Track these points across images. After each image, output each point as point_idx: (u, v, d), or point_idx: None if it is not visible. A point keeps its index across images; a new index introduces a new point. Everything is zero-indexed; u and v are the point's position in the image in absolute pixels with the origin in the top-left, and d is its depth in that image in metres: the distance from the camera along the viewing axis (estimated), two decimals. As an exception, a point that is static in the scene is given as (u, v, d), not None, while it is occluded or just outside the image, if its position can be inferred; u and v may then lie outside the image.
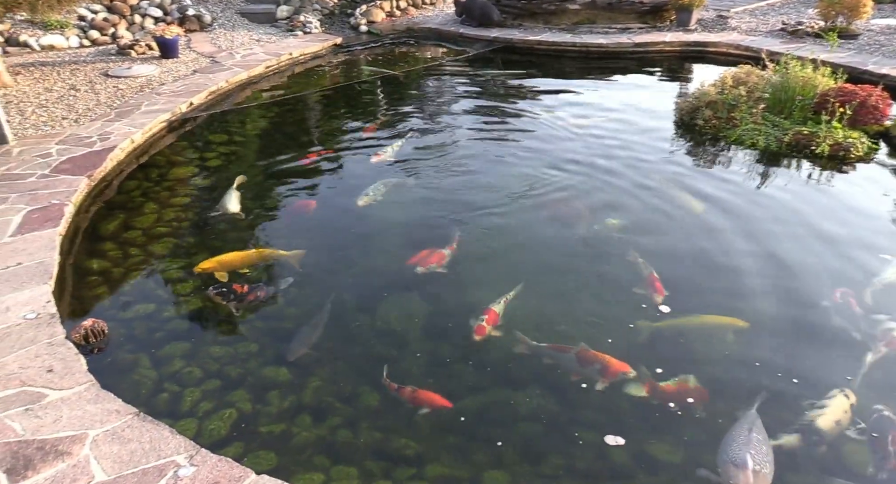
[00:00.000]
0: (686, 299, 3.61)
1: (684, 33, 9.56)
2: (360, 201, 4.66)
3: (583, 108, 6.99)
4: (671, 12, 10.05)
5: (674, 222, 4.55)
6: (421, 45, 9.97)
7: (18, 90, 6.65)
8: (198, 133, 6.28)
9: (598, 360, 3.07)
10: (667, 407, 2.86)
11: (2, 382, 2.65)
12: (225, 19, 10.07)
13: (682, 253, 4.13)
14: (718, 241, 4.27)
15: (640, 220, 4.55)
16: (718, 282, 3.80)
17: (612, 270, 3.96)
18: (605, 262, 4.06)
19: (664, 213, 4.66)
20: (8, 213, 4.14)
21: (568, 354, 3.14)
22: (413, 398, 2.88)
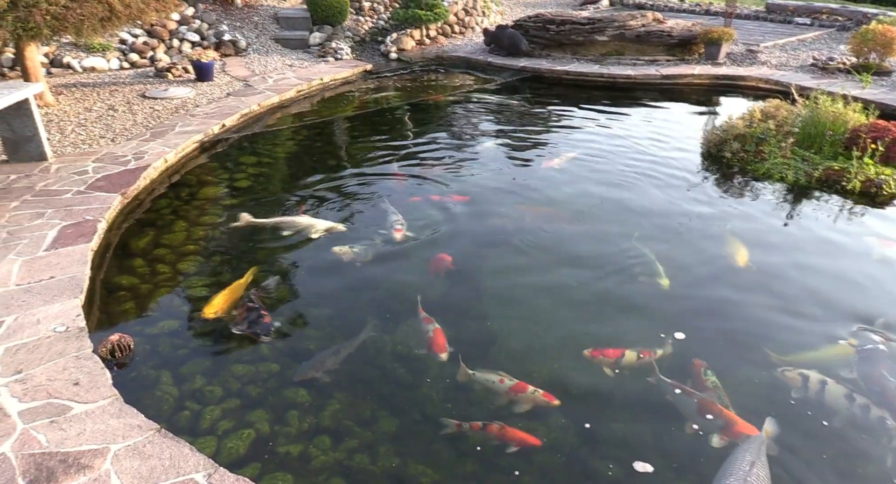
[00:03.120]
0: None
1: (713, 67, 9.58)
2: (397, 236, 4.59)
3: (608, 137, 7.02)
4: (700, 46, 10.09)
5: (694, 248, 4.51)
6: (449, 73, 10.12)
7: (60, 110, 6.89)
8: (228, 154, 6.41)
9: (721, 415, 2.90)
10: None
11: (30, 393, 2.69)
12: (259, 45, 10.36)
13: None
14: (745, 276, 4.21)
15: (664, 251, 4.51)
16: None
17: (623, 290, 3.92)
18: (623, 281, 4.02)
19: (687, 243, 4.63)
20: (44, 227, 4.26)
21: (690, 399, 3.01)
22: (501, 435, 2.81)
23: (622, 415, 3.00)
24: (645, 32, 10.16)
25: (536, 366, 3.31)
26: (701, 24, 10.63)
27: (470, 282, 4.16)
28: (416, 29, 11.08)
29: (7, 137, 5.40)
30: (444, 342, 3.37)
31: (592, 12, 12.46)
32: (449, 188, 5.58)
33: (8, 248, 3.97)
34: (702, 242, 4.74)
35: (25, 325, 3.19)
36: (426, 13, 10.82)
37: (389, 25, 11.39)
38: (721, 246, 4.62)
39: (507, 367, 3.25)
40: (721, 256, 4.50)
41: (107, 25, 6.31)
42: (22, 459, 2.34)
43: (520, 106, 8.45)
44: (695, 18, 13.02)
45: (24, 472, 2.28)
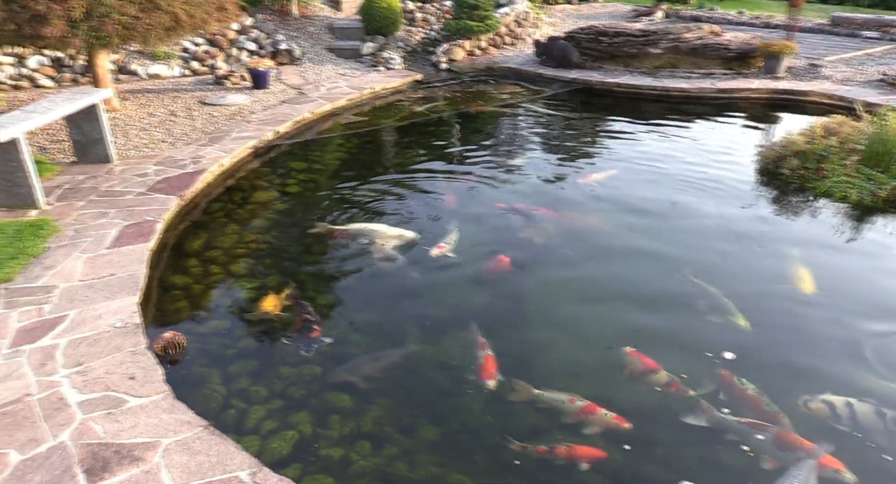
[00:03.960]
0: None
1: (772, 81, 9.30)
2: (434, 252, 4.54)
3: (661, 150, 6.89)
4: (759, 59, 9.82)
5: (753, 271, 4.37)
6: (499, 84, 10.14)
7: (125, 114, 7.21)
8: (280, 160, 6.57)
9: (801, 447, 2.80)
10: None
11: (89, 385, 2.82)
12: (314, 54, 10.61)
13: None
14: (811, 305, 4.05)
15: (716, 272, 4.38)
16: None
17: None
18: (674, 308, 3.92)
19: (745, 265, 4.48)
20: (107, 226, 4.45)
21: (763, 432, 2.89)
22: (570, 455, 2.78)
23: (665, 435, 2.92)
24: (701, 45, 9.95)
25: (578, 381, 3.26)
26: (760, 38, 10.34)
27: (514, 292, 4.14)
28: (467, 40, 11.15)
29: (77, 140, 5.69)
30: (494, 370, 3.27)
31: (646, 24, 12.29)
32: (506, 196, 5.58)
33: (74, 245, 4.17)
34: (761, 264, 4.56)
35: (87, 319, 3.34)
36: (478, 24, 10.89)
37: (441, 36, 11.50)
38: (782, 269, 4.44)
39: (547, 380, 3.21)
40: (782, 278, 4.31)
41: (171, 35, 6.58)
42: (80, 448, 2.44)
43: (569, 118, 8.39)
44: (754, 31, 12.67)
45: (82, 460, 2.38)
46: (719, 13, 15.59)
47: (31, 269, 3.85)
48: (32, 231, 4.30)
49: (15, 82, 7.95)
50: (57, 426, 2.56)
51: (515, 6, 12.39)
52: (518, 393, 3.14)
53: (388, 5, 10.85)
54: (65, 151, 6.02)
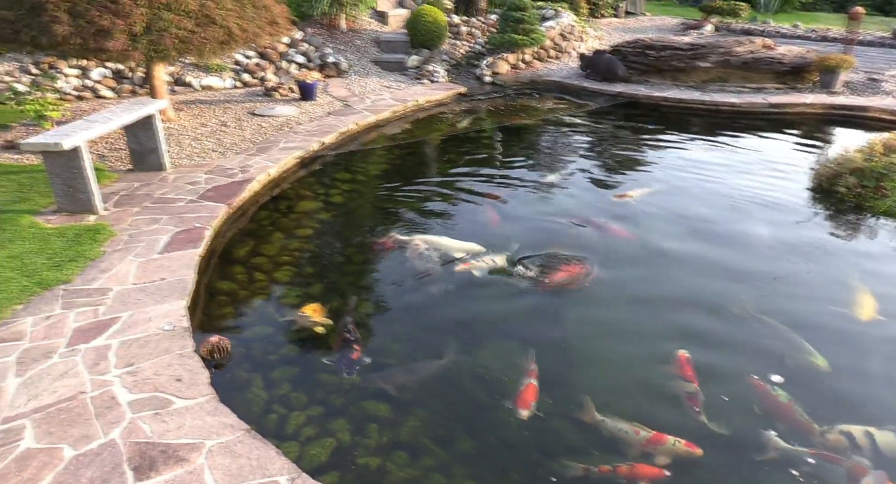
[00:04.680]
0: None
1: (828, 96, 9.02)
2: (460, 267, 4.48)
3: (709, 166, 6.74)
4: (814, 74, 9.54)
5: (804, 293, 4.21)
6: (543, 97, 10.12)
7: (179, 125, 7.47)
8: (325, 170, 6.70)
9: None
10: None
11: (138, 385, 2.91)
12: (360, 67, 10.81)
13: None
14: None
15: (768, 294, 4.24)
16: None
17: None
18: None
19: (801, 288, 4.33)
20: (159, 232, 4.61)
21: (839, 466, 2.78)
22: (632, 474, 2.74)
23: (709, 459, 2.83)
24: (752, 59, 9.73)
25: (619, 400, 3.20)
26: (816, 51, 10.06)
27: (553, 310, 4.09)
28: (511, 53, 11.19)
29: (134, 148, 5.93)
30: (531, 400, 3.16)
31: (695, 38, 12.09)
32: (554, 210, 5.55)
33: (128, 249, 4.33)
34: (817, 286, 4.37)
35: (138, 321, 3.46)
36: (523, 38, 10.92)
37: (485, 49, 11.57)
38: (839, 291, 4.26)
39: (594, 402, 3.16)
40: (840, 301, 4.12)
41: (225, 48, 6.81)
42: (128, 447, 2.52)
43: (613, 132, 8.30)
44: (809, 45, 12.32)
45: (130, 458, 2.46)
46: (772, 26, 15.23)
47: (89, 271, 4.01)
48: (90, 235, 4.49)
49: (79, 93, 8.35)
50: (108, 424, 2.66)
51: (561, 20, 12.38)
52: (582, 412, 3.06)
53: (434, 19, 10.99)
54: (122, 160, 6.28)
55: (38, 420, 2.68)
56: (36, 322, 3.43)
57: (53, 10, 5.70)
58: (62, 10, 5.73)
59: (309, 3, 10.64)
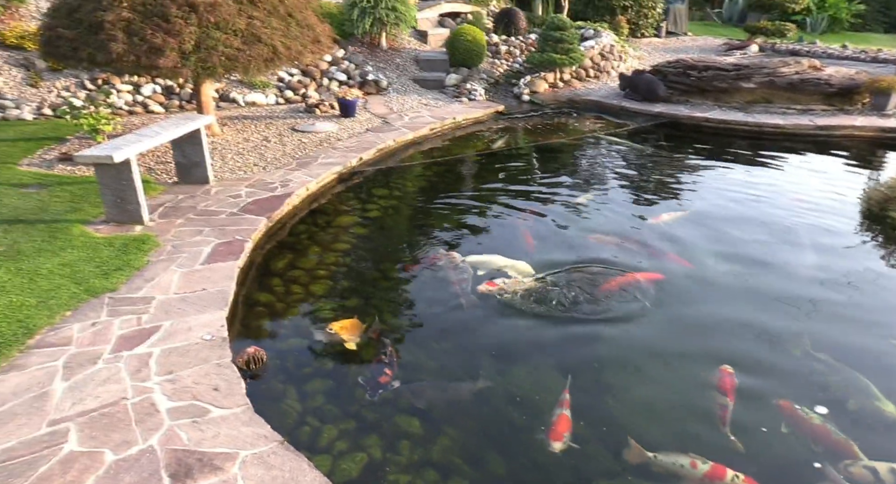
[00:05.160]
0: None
1: (879, 118, 8.75)
2: (483, 288, 4.43)
3: (752, 188, 6.59)
4: (864, 95, 9.29)
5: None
6: (581, 117, 10.09)
7: (223, 139, 7.69)
8: (363, 186, 6.79)
9: None
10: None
11: (177, 393, 2.97)
12: (399, 84, 10.97)
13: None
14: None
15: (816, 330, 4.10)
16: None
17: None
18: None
19: (852, 321, 4.17)
20: (202, 244, 4.73)
21: None
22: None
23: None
24: (799, 80, 9.53)
25: (662, 427, 3.12)
26: (867, 73, 9.79)
27: (590, 332, 4.03)
28: (550, 72, 11.21)
29: (180, 162, 6.12)
30: (564, 432, 3.04)
31: (739, 58, 11.92)
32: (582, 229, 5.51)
33: (172, 260, 4.45)
34: (872, 319, 4.15)
35: (179, 330, 3.54)
36: (562, 57, 10.93)
37: (524, 68, 11.62)
38: (891, 323, 4.08)
39: (626, 423, 3.09)
40: (892, 334, 3.94)
41: (270, 66, 6.99)
42: (166, 453, 2.57)
43: (652, 152, 8.21)
44: (859, 66, 12.01)
45: (167, 465, 2.50)
46: (820, 47, 14.91)
47: (134, 280, 4.14)
48: (137, 245, 4.63)
49: (130, 108, 8.68)
50: (147, 430, 2.72)
51: (601, 39, 12.36)
52: (629, 454, 2.92)
53: (474, 38, 11.10)
54: (168, 172, 6.48)
55: (81, 424, 2.76)
56: (83, 328, 3.55)
57: (111, 29, 5.95)
58: (119, 28, 5.98)
59: (352, 23, 10.87)
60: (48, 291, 3.93)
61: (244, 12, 6.59)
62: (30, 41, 8.64)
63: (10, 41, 8.71)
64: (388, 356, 3.64)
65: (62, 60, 6.49)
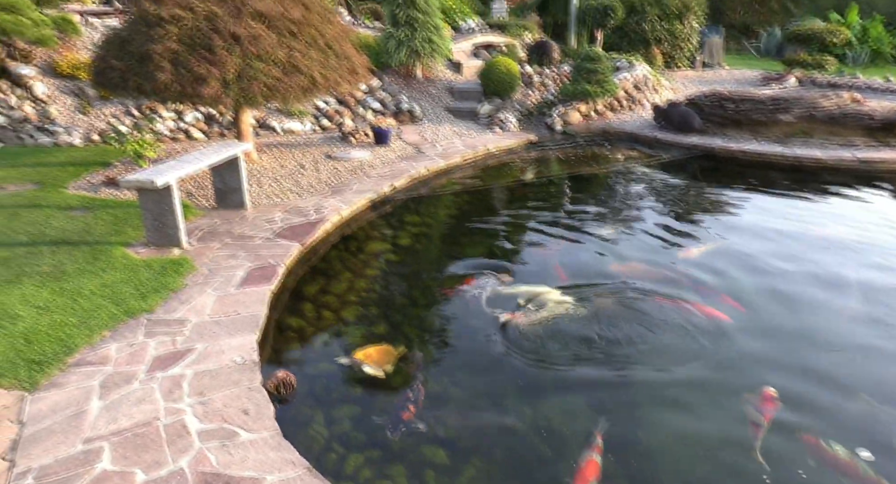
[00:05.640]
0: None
1: (924, 152, 8.51)
2: (504, 317, 4.40)
3: (791, 222, 6.43)
4: (908, 128, 9.06)
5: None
6: (614, 147, 10.07)
7: (261, 166, 7.89)
8: (395, 213, 6.86)
9: None
10: None
11: (208, 415, 3.01)
12: (433, 114, 11.14)
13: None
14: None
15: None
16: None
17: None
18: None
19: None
20: (237, 268, 4.83)
21: None
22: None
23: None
24: (839, 113, 9.36)
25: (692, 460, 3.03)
26: (910, 106, 9.57)
27: (626, 366, 3.96)
28: (583, 103, 11.25)
29: (218, 187, 6.29)
30: (591, 479, 2.93)
31: (777, 91, 11.80)
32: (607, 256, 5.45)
33: (207, 283, 4.55)
34: None
35: (212, 353, 3.60)
36: (595, 89, 10.98)
37: (557, 99, 11.69)
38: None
39: (658, 458, 3.01)
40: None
41: (308, 95, 7.20)
42: (195, 476, 2.60)
43: (686, 184, 8.12)
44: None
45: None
46: (861, 80, 14.65)
47: (170, 302, 4.24)
48: (174, 268, 4.75)
49: (173, 134, 9.00)
50: (178, 452, 2.75)
51: (635, 71, 12.40)
52: None
53: (507, 69, 11.24)
54: (207, 197, 6.66)
55: (115, 443, 2.81)
56: (120, 348, 3.64)
57: (158, 59, 6.22)
58: (166, 59, 6.25)
59: (388, 54, 11.13)
60: (89, 311, 4.05)
61: (285, 44, 6.83)
62: (82, 71, 9.08)
63: (64, 71, 9.16)
64: (415, 392, 3.57)
65: (112, 89, 6.79)
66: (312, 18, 7.26)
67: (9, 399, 3.15)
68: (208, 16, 6.48)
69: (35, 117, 8.61)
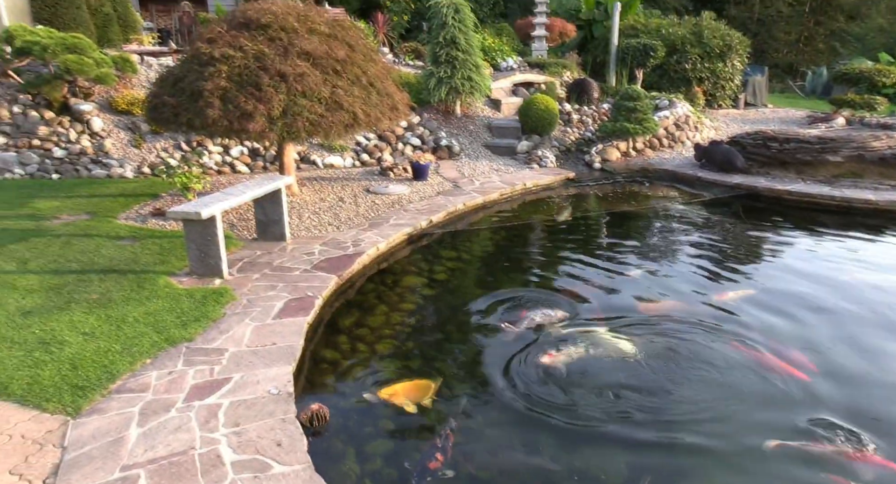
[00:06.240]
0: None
1: (982, 195, 8.16)
2: (545, 359, 4.30)
3: (837, 267, 6.21)
4: (963, 171, 8.73)
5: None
6: (654, 186, 9.96)
7: (301, 199, 8.06)
8: (431, 248, 6.89)
9: None
10: None
11: (242, 446, 3.02)
12: (471, 150, 11.25)
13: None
14: None
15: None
16: None
17: None
18: None
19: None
20: (275, 299, 4.90)
21: None
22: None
23: None
24: (891, 154, 9.09)
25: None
26: (966, 147, 9.24)
27: (672, 417, 3.83)
28: (622, 141, 11.22)
29: (260, 219, 6.44)
30: None
31: (824, 131, 11.55)
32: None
33: (246, 313, 4.62)
34: None
35: (248, 383, 3.63)
36: (635, 127, 10.95)
37: (596, 137, 11.69)
38: None
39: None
40: None
41: (350, 131, 7.36)
42: (226, 508, 2.59)
43: (728, 224, 7.94)
44: (953, 139, 11.35)
45: (226, 520, 2.51)
46: (914, 119, 14.25)
47: (210, 331, 4.31)
48: (215, 298, 4.85)
49: (219, 168, 9.30)
50: (211, 482, 2.76)
51: (675, 110, 12.34)
52: None
53: (546, 107, 11.33)
54: (249, 229, 6.82)
55: (151, 471, 2.83)
56: (160, 376, 3.70)
57: (209, 96, 6.49)
58: (216, 96, 6.51)
59: (428, 91, 11.36)
60: (132, 338, 4.15)
61: (329, 81, 7.04)
62: (137, 107, 9.52)
63: (120, 107, 9.63)
64: (443, 439, 3.44)
65: (164, 124, 7.09)
66: (356, 57, 7.49)
67: (53, 423, 3.22)
68: (257, 55, 6.75)
69: (91, 151, 9.03)
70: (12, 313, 4.52)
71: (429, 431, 3.55)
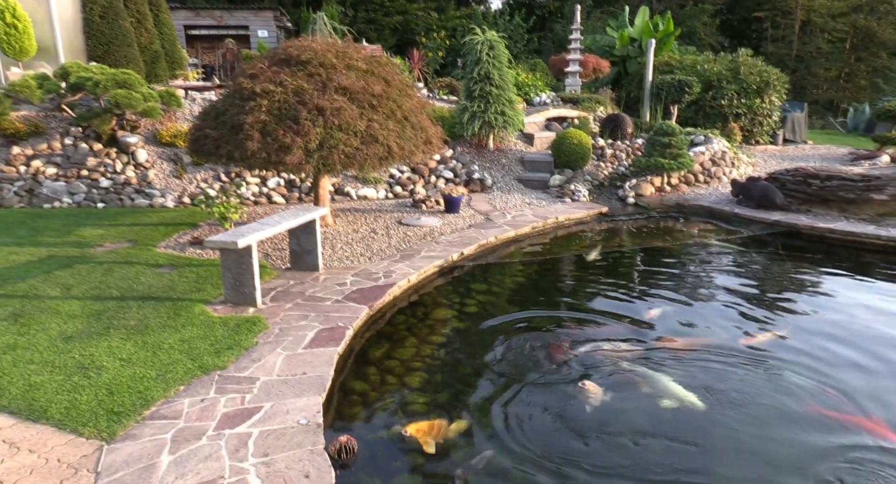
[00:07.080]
0: None
1: None
2: (588, 391, 4.26)
3: (882, 311, 5.96)
4: None
5: None
6: (689, 222, 9.82)
7: (335, 230, 8.17)
8: (462, 280, 6.87)
9: None
10: None
11: (271, 477, 3.00)
12: (504, 183, 11.31)
13: None
14: None
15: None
16: None
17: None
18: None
19: None
20: (306, 328, 4.93)
21: None
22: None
23: None
24: (938, 192, 8.82)
25: None
26: None
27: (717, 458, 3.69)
28: (657, 176, 11.14)
29: (294, 249, 6.54)
30: None
31: (868, 168, 11.29)
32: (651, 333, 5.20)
33: (278, 342, 4.66)
34: None
35: (278, 413, 3.63)
36: (669, 162, 10.87)
37: (629, 171, 11.64)
38: None
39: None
40: None
41: (384, 163, 7.49)
42: (252, 540, 2.57)
43: (767, 263, 7.74)
44: None
45: (252, 553, 2.49)
46: (963, 157, 13.83)
47: (242, 360, 4.35)
48: (248, 326, 4.91)
49: (256, 198, 9.52)
50: (237, 513, 2.74)
51: (711, 145, 12.23)
52: None
53: (579, 141, 11.35)
54: (283, 258, 6.93)
55: (178, 499, 2.84)
56: (192, 403, 3.74)
57: (249, 130, 6.69)
58: (255, 129, 6.71)
59: (462, 125, 11.52)
60: (167, 364, 4.21)
61: (365, 115, 7.20)
62: (180, 139, 9.88)
63: (165, 139, 10.00)
64: (459, 477, 3.37)
65: (205, 156, 7.32)
66: (392, 92, 7.66)
67: (88, 449, 3.27)
68: (297, 90, 6.96)
69: (135, 181, 9.36)
70: (54, 338, 4.65)
71: (456, 467, 3.48)
